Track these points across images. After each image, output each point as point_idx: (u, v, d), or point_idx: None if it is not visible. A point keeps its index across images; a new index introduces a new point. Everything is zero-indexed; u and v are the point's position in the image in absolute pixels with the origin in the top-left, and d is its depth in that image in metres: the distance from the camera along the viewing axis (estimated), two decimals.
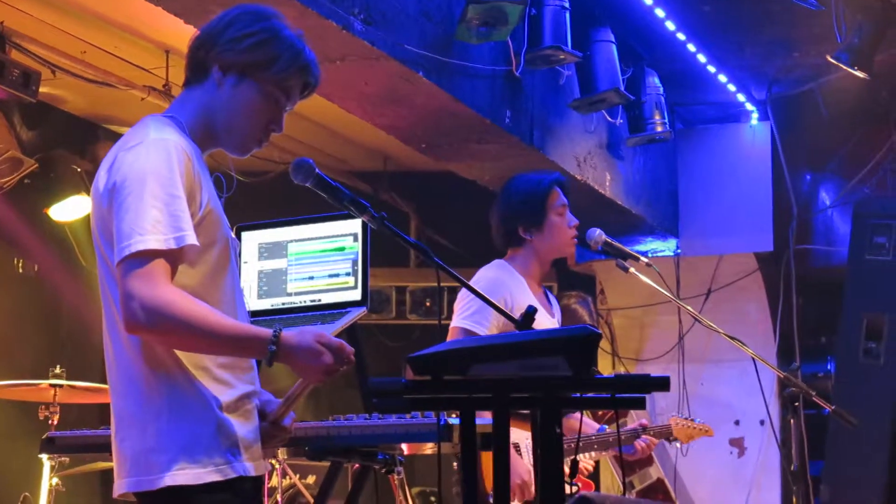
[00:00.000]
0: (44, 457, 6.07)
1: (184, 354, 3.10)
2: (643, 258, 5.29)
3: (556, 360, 2.86)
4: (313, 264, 4.02)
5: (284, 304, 4.02)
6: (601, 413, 6.69)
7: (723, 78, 8.45)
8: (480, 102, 6.23)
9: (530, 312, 3.33)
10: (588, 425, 5.59)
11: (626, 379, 2.94)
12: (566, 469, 3.16)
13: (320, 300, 3.97)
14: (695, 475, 9.31)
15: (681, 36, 7.66)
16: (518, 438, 4.98)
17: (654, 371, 8.81)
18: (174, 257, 3.02)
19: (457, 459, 4.97)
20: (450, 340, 4.75)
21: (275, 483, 7.26)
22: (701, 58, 8.04)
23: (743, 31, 7.85)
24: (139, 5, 4.83)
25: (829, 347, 8.96)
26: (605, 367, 9.65)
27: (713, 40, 7.91)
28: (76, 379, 6.37)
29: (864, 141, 8.99)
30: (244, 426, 3.18)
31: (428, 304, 9.52)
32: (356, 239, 3.97)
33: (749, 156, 9.18)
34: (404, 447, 3.83)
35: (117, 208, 3.04)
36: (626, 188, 8.29)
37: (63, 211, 7.60)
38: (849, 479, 7.28)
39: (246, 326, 3.16)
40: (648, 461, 8.87)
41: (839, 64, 7.20)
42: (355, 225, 3.97)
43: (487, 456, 3.18)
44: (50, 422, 6.32)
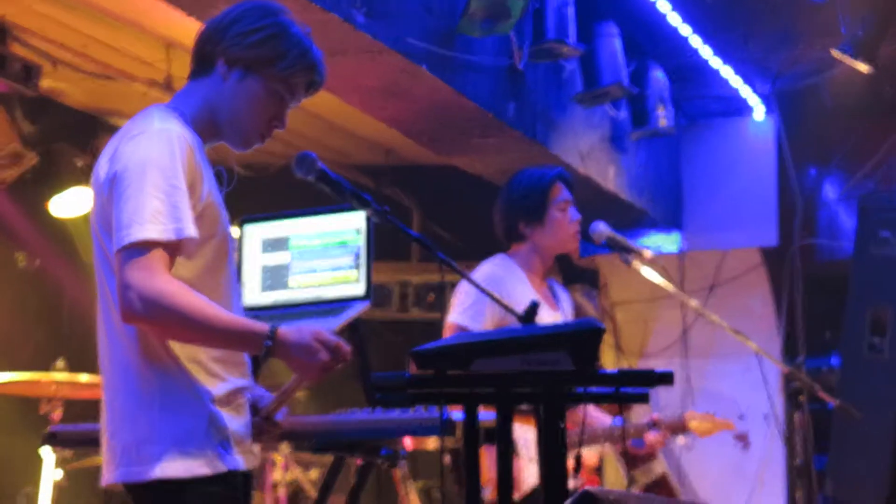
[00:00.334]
0: (46, 451, 6.08)
1: (178, 347, 3.10)
2: (647, 252, 5.29)
3: (560, 355, 2.86)
4: (316, 258, 4.03)
5: (287, 299, 4.03)
6: (605, 407, 6.69)
7: (727, 72, 8.44)
8: (483, 96, 6.23)
9: (533, 307, 3.34)
10: (600, 419, 5.59)
11: (630, 374, 2.95)
12: (571, 463, 3.18)
13: (323, 294, 3.98)
14: (699, 470, 9.30)
15: (685, 30, 7.65)
16: (514, 433, 4.97)
17: (658, 366, 8.82)
18: (173, 248, 3.03)
19: (452, 455, 4.97)
20: (449, 336, 4.75)
21: (277, 477, 7.27)
22: (705, 51, 8.03)
23: (747, 25, 7.84)
24: None
25: (834, 342, 8.95)
26: (609, 362, 9.65)
27: (717, 34, 7.90)
28: (78, 372, 6.38)
29: (870, 135, 8.97)
30: (236, 420, 3.19)
31: (431, 299, 9.51)
32: (359, 233, 3.98)
33: (753, 150, 9.18)
34: (407, 441, 3.84)
35: (118, 197, 3.05)
36: (630, 182, 8.29)
37: (64, 205, 7.60)
38: (853, 474, 7.27)
39: (243, 320, 3.17)
40: (653, 456, 8.88)
41: (843, 57, 7.20)
42: (358, 219, 3.98)
43: (481, 450, 3.19)
44: (51, 416, 6.32)
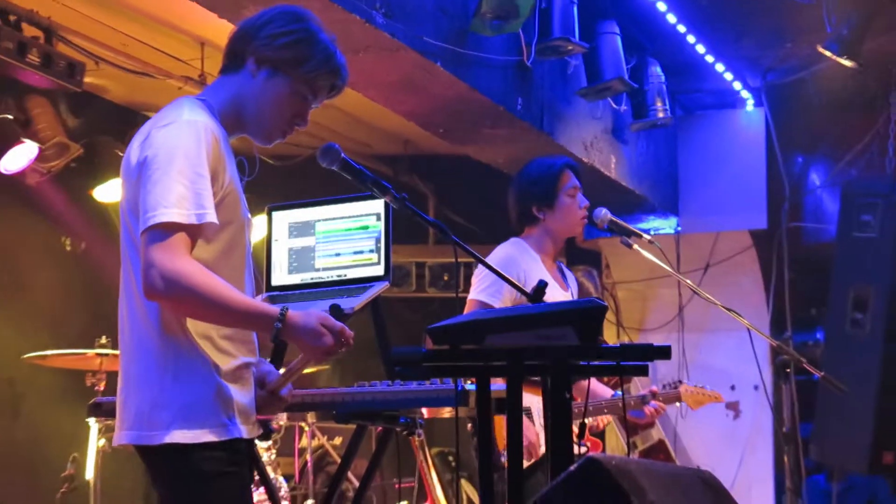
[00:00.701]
0: (91, 420, 6.09)
1: (191, 324, 3.12)
2: (646, 235, 5.29)
3: (566, 331, 2.86)
4: (339, 242, 4.02)
5: (313, 279, 4.03)
6: (606, 379, 6.69)
7: (720, 67, 8.43)
8: (494, 90, 6.22)
9: (541, 287, 3.33)
10: (602, 391, 5.59)
11: (631, 348, 2.95)
12: (575, 430, 3.18)
13: (346, 275, 3.97)
14: (693, 436, 9.31)
15: (681, 28, 7.63)
16: (529, 402, 4.98)
17: (656, 340, 8.84)
18: (194, 232, 3.04)
19: (472, 422, 4.99)
20: (467, 312, 4.76)
21: (304, 444, 7.29)
22: (700, 48, 8.01)
23: (739, 24, 7.82)
24: (177, 1, 4.83)
25: (819, 318, 8.95)
26: (611, 337, 9.65)
27: (711, 32, 7.88)
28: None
29: (853, 126, 8.96)
30: (241, 393, 3.20)
31: (446, 279, 9.51)
32: (379, 218, 3.97)
33: (745, 140, 9.16)
34: (424, 411, 3.84)
35: (146, 181, 3.05)
36: (630, 170, 8.27)
37: (106, 192, 7.60)
38: (836, 440, 7.28)
39: (256, 303, 3.20)
40: (651, 424, 8.88)
41: (829, 54, 7.18)
42: (378, 205, 3.97)
43: (500, 418, 3.19)
44: (96, 388, 6.34)
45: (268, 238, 4.12)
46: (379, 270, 3.94)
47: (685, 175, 9.34)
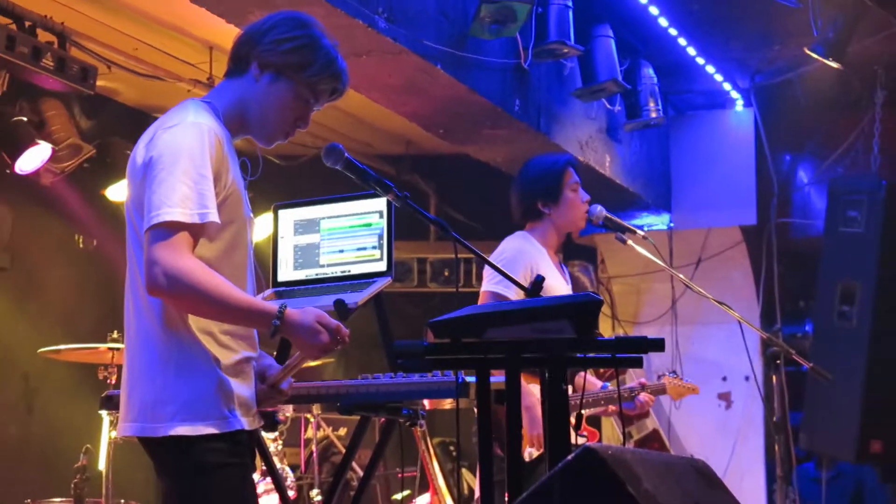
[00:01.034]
0: (103, 413, 6.09)
1: (193, 319, 3.12)
2: (639, 231, 5.30)
3: (563, 324, 2.86)
4: (343, 239, 4.01)
5: (317, 275, 4.02)
6: (602, 371, 6.68)
7: (710, 69, 8.42)
8: (492, 92, 6.21)
9: (538, 281, 3.33)
10: (592, 383, 5.59)
11: (625, 340, 2.94)
12: (572, 420, 3.17)
13: (349, 271, 3.96)
14: (687, 426, 9.31)
15: (672, 31, 7.63)
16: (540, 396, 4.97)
17: (650, 333, 8.78)
18: (197, 231, 3.04)
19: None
20: (469, 306, 4.75)
21: (310, 435, 7.28)
22: (691, 51, 8.01)
23: (728, 27, 7.81)
24: (186, 6, 4.82)
25: (807, 311, 8.94)
26: (606, 330, 9.64)
27: (702, 35, 7.87)
28: None
29: (839, 125, 8.95)
30: (242, 386, 3.20)
31: (446, 274, 9.50)
32: (381, 216, 3.96)
33: (734, 139, 9.16)
34: (426, 403, 3.83)
35: (151, 181, 3.06)
36: (624, 168, 8.27)
37: (118, 192, 7.58)
38: (825, 429, 7.27)
39: (255, 300, 3.19)
40: (645, 414, 8.87)
41: (815, 55, 7.17)
42: (381, 203, 3.96)
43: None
44: (108, 381, 6.33)
45: (274, 235, 4.11)
46: (382, 266, 3.93)
47: (677, 173, 9.33)
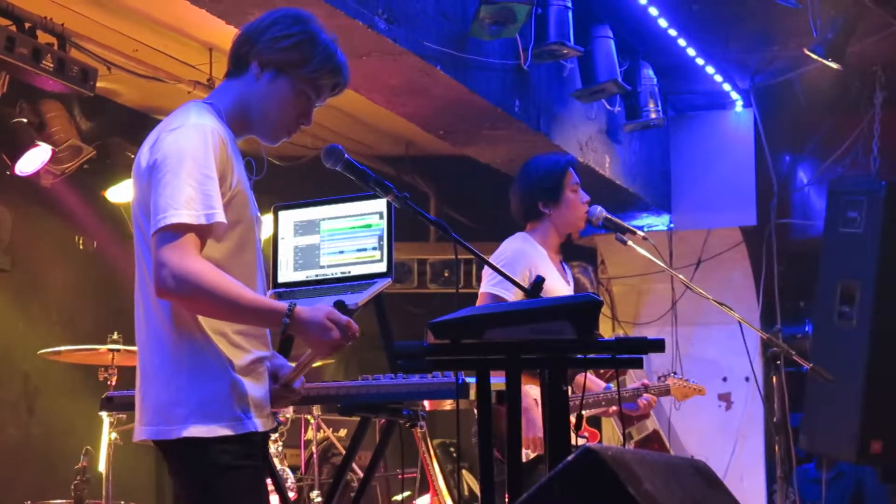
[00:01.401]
0: (103, 414, 6.09)
1: (205, 320, 3.11)
2: (639, 232, 5.29)
3: (562, 325, 2.86)
4: (343, 240, 4.02)
5: (318, 276, 4.02)
6: (602, 372, 6.69)
7: (710, 69, 8.42)
8: (492, 93, 6.21)
9: (538, 282, 3.33)
10: (596, 384, 5.58)
11: (625, 341, 2.94)
12: (572, 420, 3.17)
13: (350, 272, 3.97)
14: (687, 426, 9.30)
15: (672, 32, 7.62)
16: (539, 395, 4.95)
17: (650, 334, 8.80)
18: (204, 232, 3.03)
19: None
20: (470, 307, 4.74)
21: (310, 436, 7.27)
22: (690, 51, 8.00)
23: (728, 27, 7.82)
24: (186, 7, 4.81)
25: (807, 311, 8.93)
26: (606, 331, 9.63)
27: (701, 35, 7.87)
28: (131, 344, 6.36)
29: (838, 125, 8.95)
30: (256, 387, 3.19)
31: (446, 275, 9.49)
32: (381, 217, 3.96)
33: (734, 139, 9.16)
34: (426, 404, 3.83)
35: (156, 184, 3.05)
36: (624, 169, 8.26)
37: (118, 193, 7.59)
38: (825, 429, 7.26)
39: (264, 299, 3.18)
40: (646, 415, 8.87)
41: (815, 56, 7.17)
42: (381, 204, 3.96)
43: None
44: (109, 383, 6.33)
45: (274, 236, 4.12)
46: (382, 267, 3.93)
47: (677, 174, 9.33)
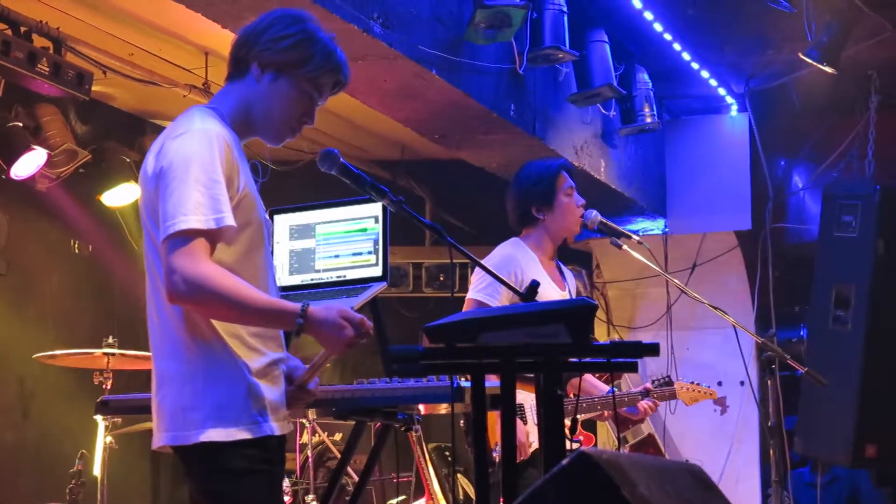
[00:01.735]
0: (98, 418, 6.08)
1: (219, 323, 3.11)
2: (635, 236, 5.29)
3: (557, 329, 2.85)
4: (339, 244, 4.02)
5: (313, 280, 4.02)
6: (598, 376, 6.69)
7: (705, 74, 8.42)
8: (487, 97, 6.21)
9: (533, 286, 3.33)
10: (597, 387, 5.57)
11: (620, 345, 2.95)
12: (567, 424, 3.17)
13: (345, 276, 3.97)
14: (682, 431, 9.30)
15: (667, 36, 7.62)
16: (522, 400, 4.95)
17: (645, 338, 8.82)
18: (213, 236, 3.04)
19: (465, 418, 4.97)
20: (463, 311, 4.74)
21: (305, 440, 7.27)
22: (685, 56, 8.00)
23: (723, 32, 7.81)
24: (181, 11, 4.81)
25: (802, 315, 8.93)
26: (601, 335, 9.63)
27: (696, 40, 7.87)
28: (127, 348, 6.39)
29: (833, 130, 8.96)
30: (272, 390, 3.19)
31: (442, 279, 9.50)
32: (377, 221, 3.97)
33: (729, 144, 9.16)
34: (421, 407, 3.83)
35: (163, 190, 3.05)
36: (619, 174, 8.26)
37: (114, 197, 7.59)
38: (820, 433, 7.26)
39: (277, 301, 3.17)
40: (642, 419, 8.87)
41: (810, 60, 7.17)
42: (376, 208, 3.97)
43: (492, 415, 3.16)
44: (104, 386, 6.32)
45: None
46: (377, 271, 3.93)
47: (672, 178, 9.33)
